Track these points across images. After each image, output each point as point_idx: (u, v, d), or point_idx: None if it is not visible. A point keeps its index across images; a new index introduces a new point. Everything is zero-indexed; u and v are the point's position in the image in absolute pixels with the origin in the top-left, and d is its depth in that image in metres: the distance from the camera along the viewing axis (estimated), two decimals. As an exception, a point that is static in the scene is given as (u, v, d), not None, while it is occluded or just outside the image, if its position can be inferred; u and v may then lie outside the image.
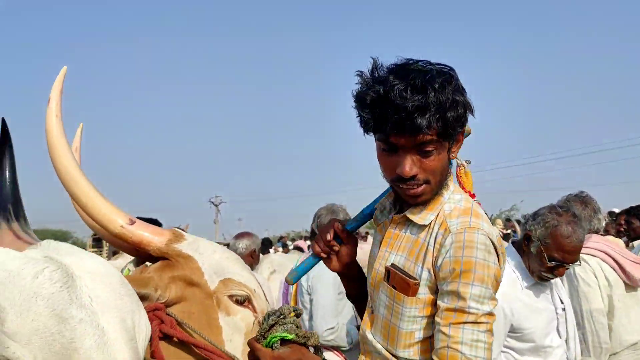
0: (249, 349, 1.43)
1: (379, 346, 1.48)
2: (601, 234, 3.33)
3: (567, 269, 2.43)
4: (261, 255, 5.46)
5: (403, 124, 1.30)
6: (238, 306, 1.54)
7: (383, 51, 1.43)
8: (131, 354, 1.00)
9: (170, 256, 1.54)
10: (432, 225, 1.42)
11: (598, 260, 3.02)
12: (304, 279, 3.31)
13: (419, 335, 1.40)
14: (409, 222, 1.48)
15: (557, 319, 2.46)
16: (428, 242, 1.40)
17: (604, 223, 3.37)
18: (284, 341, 1.33)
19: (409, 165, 1.36)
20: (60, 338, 0.91)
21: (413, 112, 1.28)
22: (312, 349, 1.37)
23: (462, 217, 1.38)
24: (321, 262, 1.67)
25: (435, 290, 1.37)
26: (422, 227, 1.44)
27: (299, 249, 8.51)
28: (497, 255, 1.36)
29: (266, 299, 1.63)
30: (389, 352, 1.45)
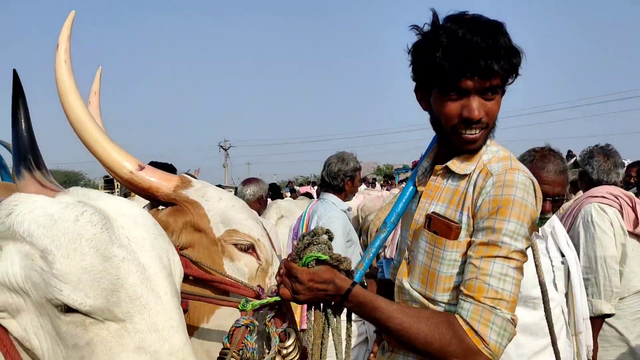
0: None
1: (415, 293, 1.50)
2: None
3: (553, 204, 2.38)
4: (269, 200, 5.54)
5: (479, 66, 1.35)
6: (242, 253, 1.60)
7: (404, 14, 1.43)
8: (171, 288, 1.05)
9: (177, 202, 1.59)
10: (471, 175, 1.46)
11: (615, 210, 3.10)
12: (313, 225, 3.36)
13: (458, 279, 1.42)
14: (449, 174, 1.52)
15: (554, 272, 2.46)
16: (467, 189, 1.44)
17: (621, 177, 3.40)
18: (318, 261, 1.39)
19: (478, 107, 1.40)
20: (107, 275, 0.95)
21: (489, 54, 1.35)
22: (343, 273, 1.42)
23: (502, 161, 1.44)
24: (333, 206, 1.66)
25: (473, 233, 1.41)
26: (462, 177, 1.48)
27: (308, 195, 8.56)
28: (535, 198, 1.40)
29: (272, 246, 1.69)
30: (427, 297, 1.48)
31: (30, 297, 0.97)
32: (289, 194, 11.51)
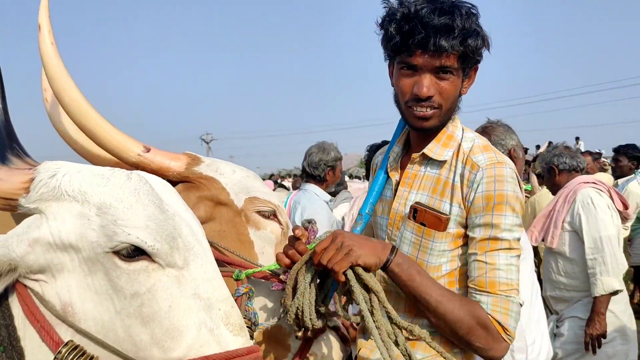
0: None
1: None
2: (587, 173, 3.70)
3: None
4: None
5: (427, 42, 1.36)
6: (267, 220, 1.59)
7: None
8: (207, 243, 1.12)
9: (191, 179, 1.54)
10: (451, 162, 1.48)
11: (606, 194, 3.28)
12: (297, 217, 3.36)
13: (446, 267, 1.47)
14: (426, 161, 1.52)
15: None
16: (453, 179, 1.46)
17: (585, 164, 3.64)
18: None
19: (427, 85, 1.41)
20: (167, 224, 1.02)
21: (439, 30, 1.35)
22: None
23: (487, 153, 1.46)
24: (316, 197, 1.65)
25: (464, 225, 1.45)
26: (440, 164, 1.49)
27: (282, 186, 8.59)
28: (520, 186, 1.46)
29: None
30: None
31: (81, 255, 0.99)
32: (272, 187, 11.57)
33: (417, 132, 1.54)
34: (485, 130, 2.65)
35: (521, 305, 1.40)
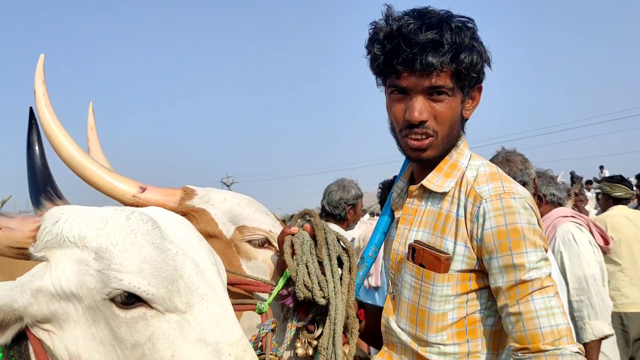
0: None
1: (404, 337, 1.38)
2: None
3: None
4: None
5: (414, 60, 1.24)
6: (258, 249, 1.56)
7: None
8: (221, 281, 1.07)
9: (185, 213, 1.59)
10: (454, 194, 1.34)
11: (586, 229, 3.08)
12: None
13: (452, 316, 1.30)
14: (427, 194, 1.40)
15: None
16: (457, 213, 1.31)
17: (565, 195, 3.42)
18: None
19: (419, 108, 1.29)
20: (166, 266, 0.97)
21: (425, 47, 1.24)
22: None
23: (492, 182, 1.30)
24: None
25: (473, 266, 1.29)
26: (442, 197, 1.36)
27: None
28: (535, 213, 1.29)
29: None
30: (418, 339, 1.35)
31: (83, 304, 0.97)
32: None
33: (417, 164, 1.43)
34: (508, 159, 2.50)
35: (581, 352, 1.19)
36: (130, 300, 0.94)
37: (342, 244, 1.43)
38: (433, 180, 1.37)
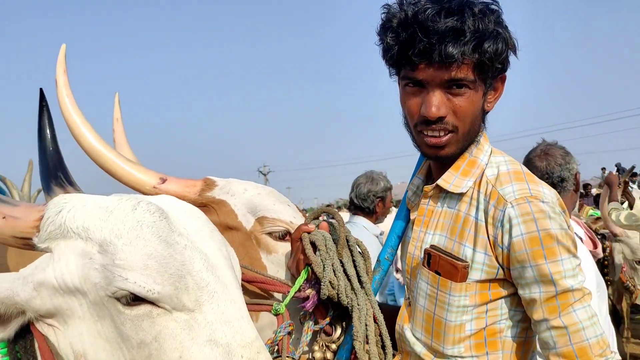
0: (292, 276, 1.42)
1: (418, 348, 1.29)
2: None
3: None
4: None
5: (432, 50, 1.13)
6: (279, 242, 1.51)
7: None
8: (234, 277, 1.00)
9: (205, 205, 1.56)
10: (472, 194, 1.23)
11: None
12: None
13: (471, 327, 1.21)
14: (443, 194, 1.29)
15: None
16: (476, 217, 1.20)
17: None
18: None
19: (437, 103, 1.17)
20: (173, 261, 0.90)
21: (445, 35, 1.12)
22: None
23: (517, 183, 1.18)
24: (365, 231, 1.50)
25: (494, 275, 1.19)
26: (460, 197, 1.25)
27: None
28: (564, 214, 1.19)
29: None
30: (434, 350, 1.27)
31: (87, 299, 0.92)
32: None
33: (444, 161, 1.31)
34: (547, 153, 2.33)
35: None
36: (134, 297, 0.89)
37: (358, 247, 1.38)
38: (449, 180, 1.26)
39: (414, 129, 1.26)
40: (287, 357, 1.27)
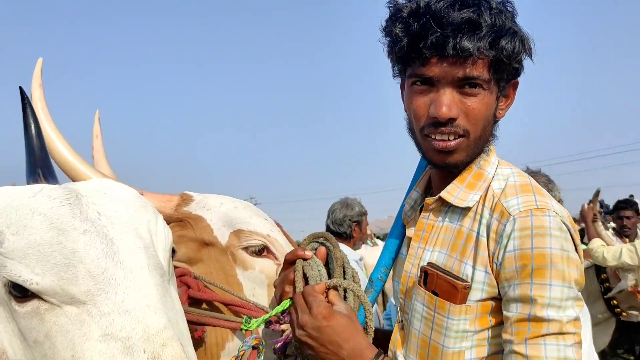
0: (274, 299, 1.33)
1: None
2: None
3: None
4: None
5: (445, 44, 1.03)
6: (256, 257, 1.45)
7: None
8: (147, 260, 0.92)
9: (181, 220, 1.53)
10: (477, 209, 1.13)
11: None
12: None
13: (471, 355, 1.09)
14: (446, 208, 1.18)
15: None
16: (478, 232, 1.09)
17: None
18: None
19: (448, 102, 1.07)
20: (61, 249, 0.84)
21: (460, 27, 1.03)
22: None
23: (523, 195, 1.08)
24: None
25: (494, 296, 1.07)
26: (464, 212, 1.14)
27: None
28: (574, 241, 1.06)
29: (288, 239, 1.56)
30: None
31: None
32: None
33: (438, 170, 1.21)
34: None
35: None
36: (23, 292, 0.83)
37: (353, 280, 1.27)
38: (454, 193, 1.15)
39: (419, 133, 1.14)
40: None
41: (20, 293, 0.83)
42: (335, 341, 1.05)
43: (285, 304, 1.19)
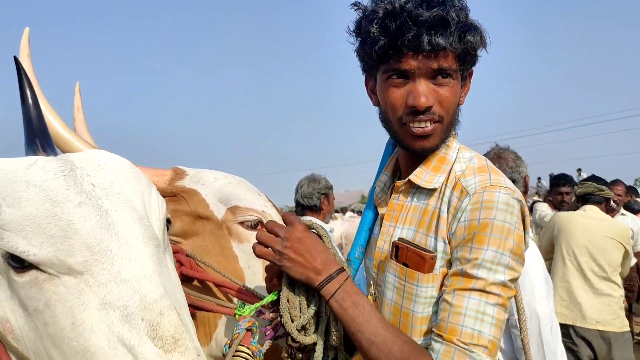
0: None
1: None
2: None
3: None
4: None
5: (420, 40, 1.15)
6: (251, 231, 1.50)
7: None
8: (142, 231, 0.93)
9: (175, 194, 1.55)
10: (442, 189, 1.25)
11: None
12: None
13: (436, 318, 1.18)
14: (414, 189, 1.31)
15: None
16: (440, 209, 1.22)
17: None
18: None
19: (425, 92, 1.19)
20: (57, 221, 0.86)
21: (433, 25, 1.15)
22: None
23: (480, 175, 1.21)
24: None
25: (451, 263, 1.20)
26: (430, 192, 1.27)
27: None
28: (523, 219, 1.18)
29: (278, 212, 1.61)
30: None
31: None
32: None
33: (409, 155, 1.32)
34: (499, 156, 2.47)
35: None
36: (21, 263, 0.85)
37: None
38: (421, 176, 1.28)
39: (397, 122, 1.25)
40: (242, 345, 1.22)
41: (19, 264, 0.85)
42: (311, 252, 1.19)
43: (273, 296, 1.26)
